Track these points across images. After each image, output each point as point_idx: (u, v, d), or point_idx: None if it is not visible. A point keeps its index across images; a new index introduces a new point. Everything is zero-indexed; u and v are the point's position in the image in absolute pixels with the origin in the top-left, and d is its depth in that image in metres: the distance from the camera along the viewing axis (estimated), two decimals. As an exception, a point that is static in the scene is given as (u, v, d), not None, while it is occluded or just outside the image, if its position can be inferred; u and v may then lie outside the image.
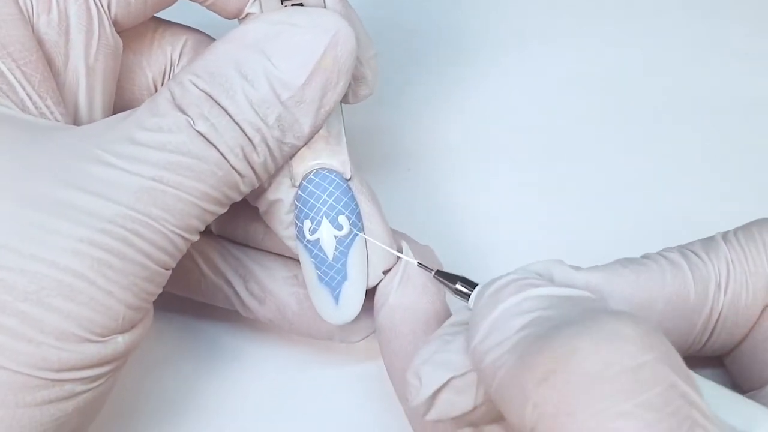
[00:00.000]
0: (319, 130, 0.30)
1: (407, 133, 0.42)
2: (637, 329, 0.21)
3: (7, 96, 0.28)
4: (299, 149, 0.30)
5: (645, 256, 0.29)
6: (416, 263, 0.31)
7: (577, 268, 0.28)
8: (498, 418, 0.26)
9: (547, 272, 0.28)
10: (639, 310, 0.28)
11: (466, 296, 0.29)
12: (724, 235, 0.29)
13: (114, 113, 0.31)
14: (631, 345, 0.21)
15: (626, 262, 0.29)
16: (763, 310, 0.28)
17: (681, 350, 0.27)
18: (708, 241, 0.29)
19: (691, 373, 0.22)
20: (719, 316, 0.28)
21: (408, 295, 0.31)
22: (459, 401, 0.26)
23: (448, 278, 0.29)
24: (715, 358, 0.30)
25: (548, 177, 0.41)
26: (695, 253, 0.28)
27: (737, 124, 0.43)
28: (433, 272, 0.30)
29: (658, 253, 0.29)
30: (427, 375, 0.26)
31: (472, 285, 0.29)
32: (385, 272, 0.31)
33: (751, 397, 0.26)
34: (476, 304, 0.26)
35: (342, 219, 0.31)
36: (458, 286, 0.29)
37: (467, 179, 0.41)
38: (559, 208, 0.40)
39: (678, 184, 0.41)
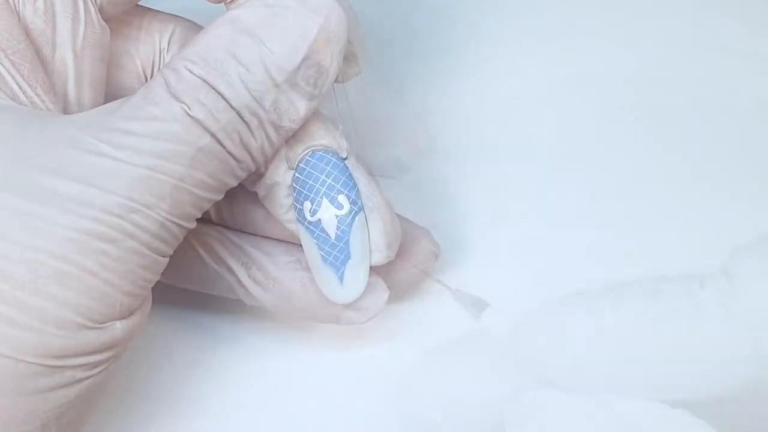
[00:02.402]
0: (313, 112, 0.30)
1: (407, 132, 0.42)
2: None
3: None
4: (295, 132, 0.30)
5: None
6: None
7: None
8: None
9: None
10: None
11: None
12: None
13: (104, 101, 0.31)
14: None
15: None
16: None
17: None
18: None
19: None
20: None
21: None
22: None
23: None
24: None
25: (550, 176, 0.41)
26: None
27: (737, 124, 0.42)
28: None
29: None
30: None
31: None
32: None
33: None
34: None
35: (342, 198, 0.31)
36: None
37: (468, 179, 0.41)
38: (560, 207, 0.40)
39: (677, 183, 0.40)
